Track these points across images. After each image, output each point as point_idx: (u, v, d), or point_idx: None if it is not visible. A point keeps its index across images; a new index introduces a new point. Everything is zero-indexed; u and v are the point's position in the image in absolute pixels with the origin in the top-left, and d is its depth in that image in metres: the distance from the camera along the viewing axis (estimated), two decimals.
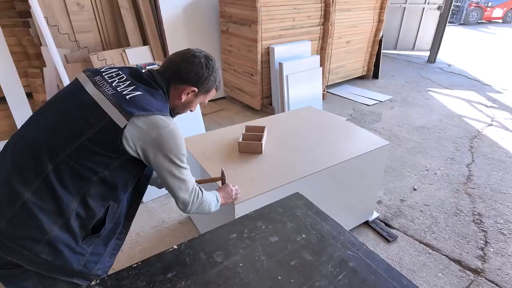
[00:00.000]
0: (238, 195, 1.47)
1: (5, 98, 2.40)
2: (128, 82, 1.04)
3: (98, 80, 1.04)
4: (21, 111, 2.50)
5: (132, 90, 1.01)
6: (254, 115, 4.13)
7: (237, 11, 3.83)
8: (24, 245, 0.91)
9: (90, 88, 1.02)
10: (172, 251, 1.01)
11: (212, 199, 1.24)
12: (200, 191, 1.15)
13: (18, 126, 2.50)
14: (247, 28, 3.76)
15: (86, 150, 0.94)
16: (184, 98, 1.13)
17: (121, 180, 1.02)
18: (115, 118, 0.94)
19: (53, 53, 2.36)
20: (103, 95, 0.99)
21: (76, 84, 1.06)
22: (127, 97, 0.98)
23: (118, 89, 1.01)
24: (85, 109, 0.98)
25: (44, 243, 0.93)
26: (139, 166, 1.05)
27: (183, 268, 0.95)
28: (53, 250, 0.94)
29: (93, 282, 0.90)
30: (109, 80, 1.04)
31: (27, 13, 2.54)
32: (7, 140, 1.07)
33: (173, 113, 1.15)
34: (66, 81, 2.49)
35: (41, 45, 2.86)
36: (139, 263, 0.97)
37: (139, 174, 1.08)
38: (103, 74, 1.07)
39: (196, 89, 1.13)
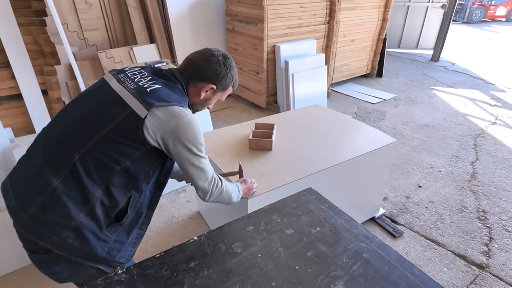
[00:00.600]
0: (255, 188, 1.50)
1: (21, 95, 2.46)
2: (149, 77, 1.11)
3: (121, 77, 1.11)
4: (36, 108, 2.55)
5: (152, 84, 1.08)
6: (259, 113, 4.17)
7: (243, 10, 3.86)
8: (53, 230, 0.97)
9: (114, 84, 1.09)
10: (193, 242, 1.06)
11: (233, 189, 1.28)
12: (219, 181, 1.19)
13: (34, 122, 2.55)
14: (253, 26, 3.79)
15: (110, 140, 0.99)
16: (203, 95, 1.19)
17: (142, 170, 1.07)
18: (136, 109, 1.00)
19: (68, 52, 2.41)
20: (126, 89, 1.05)
21: (101, 82, 1.13)
22: (148, 89, 1.05)
23: (139, 83, 1.07)
24: (109, 102, 1.04)
25: (71, 228, 0.98)
26: (160, 156, 1.10)
27: (204, 258, 1.00)
28: (79, 236, 1.00)
29: (120, 271, 0.95)
30: (132, 77, 1.11)
31: (43, 12, 2.59)
32: (24, 135, 1.13)
33: (192, 110, 1.20)
34: (79, 78, 2.53)
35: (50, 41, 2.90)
36: (162, 253, 1.01)
37: (160, 165, 1.13)
38: (127, 72, 1.14)
39: (214, 87, 1.18)
